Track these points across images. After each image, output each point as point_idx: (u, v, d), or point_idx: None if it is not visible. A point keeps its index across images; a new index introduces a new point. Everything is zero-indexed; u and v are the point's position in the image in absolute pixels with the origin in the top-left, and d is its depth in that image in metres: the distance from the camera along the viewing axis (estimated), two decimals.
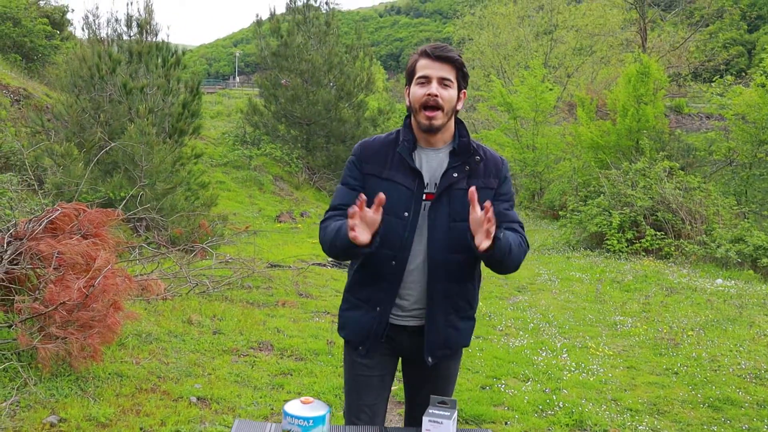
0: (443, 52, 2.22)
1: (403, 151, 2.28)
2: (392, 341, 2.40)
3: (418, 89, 2.23)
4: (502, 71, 33.59)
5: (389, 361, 2.46)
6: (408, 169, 2.27)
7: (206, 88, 45.01)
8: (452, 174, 2.26)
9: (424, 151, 2.31)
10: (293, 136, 21.68)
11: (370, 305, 2.34)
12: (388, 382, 2.50)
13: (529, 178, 23.20)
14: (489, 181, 2.31)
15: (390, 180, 2.27)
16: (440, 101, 2.20)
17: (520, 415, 4.51)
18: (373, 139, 2.39)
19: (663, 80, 19.18)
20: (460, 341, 2.43)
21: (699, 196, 13.20)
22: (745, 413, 4.68)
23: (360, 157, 2.34)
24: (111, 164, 10.37)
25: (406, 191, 2.26)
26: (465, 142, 2.30)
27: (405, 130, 2.33)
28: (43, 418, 3.81)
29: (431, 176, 2.29)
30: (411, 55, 2.32)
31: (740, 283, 9.61)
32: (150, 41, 11.76)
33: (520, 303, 8.23)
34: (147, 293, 6.64)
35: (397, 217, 2.26)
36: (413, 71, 2.27)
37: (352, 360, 2.45)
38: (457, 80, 2.25)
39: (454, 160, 2.28)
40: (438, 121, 2.23)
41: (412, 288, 2.32)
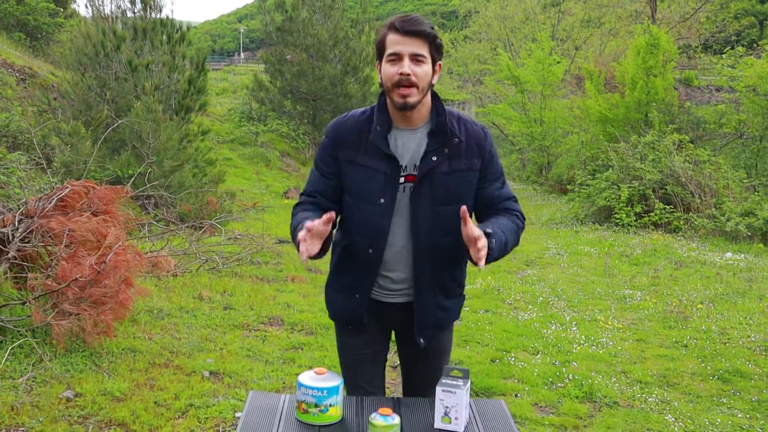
0: (413, 26, 2.08)
1: (375, 138, 2.17)
2: (381, 318, 2.39)
3: (389, 67, 2.10)
4: (510, 44, 33.28)
5: (381, 336, 2.46)
6: (382, 153, 2.18)
7: (211, 64, 44.86)
8: (432, 158, 2.17)
9: (401, 131, 2.21)
10: (299, 111, 21.61)
11: (350, 291, 2.32)
12: (382, 355, 2.51)
13: (536, 153, 23.10)
14: (472, 162, 2.22)
15: (364, 166, 2.19)
16: (414, 79, 2.08)
17: (530, 387, 4.54)
18: (346, 119, 2.27)
19: (672, 52, 18.96)
20: (451, 318, 2.42)
21: (709, 170, 13.12)
22: (755, 385, 4.70)
23: (334, 141, 2.25)
24: (118, 142, 10.37)
25: (381, 176, 2.18)
26: (442, 122, 2.18)
27: (379, 111, 2.21)
28: (59, 393, 3.86)
29: (410, 158, 2.20)
30: (380, 29, 2.17)
31: (750, 257, 9.59)
32: (154, 17, 11.68)
33: (528, 277, 8.24)
34: (157, 270, 6.68)
35: (372, 203, 2.20)
36: (383, 47, 2.12)
37: (344, 339, 2.46)
38: (430, 54, 2.12)
39: (432, 142, 2.18)
40: (413, 98, 2.10)
41: (398, 269, 2.28)
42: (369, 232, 2.23)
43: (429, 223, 2.20)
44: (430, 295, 2.29)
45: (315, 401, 2.03)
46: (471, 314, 6.39)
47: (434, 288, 2.29)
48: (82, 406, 3.76)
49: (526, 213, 9.27)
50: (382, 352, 2.51)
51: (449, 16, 79.98)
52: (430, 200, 2.19)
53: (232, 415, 3.81)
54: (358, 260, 2.29)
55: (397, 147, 2.20)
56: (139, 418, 3.67)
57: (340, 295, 2.37)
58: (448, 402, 2.04)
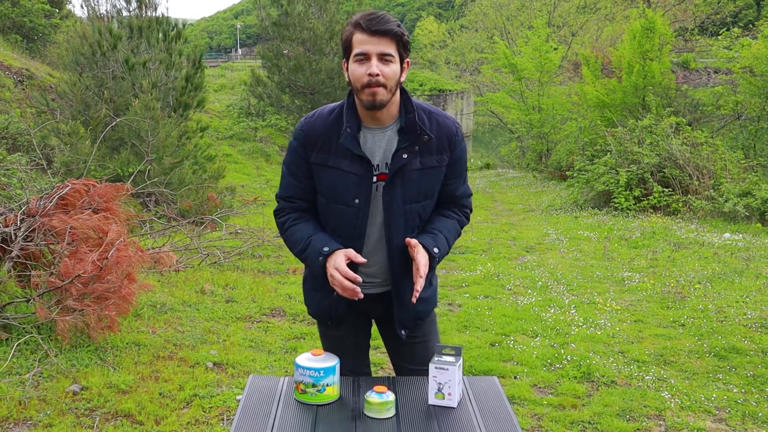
0: (380, 26, 2.04)
1: (346, 141, 2.15)
2: (360, 309, 2.39)
3: (357, 67, 2.07)
4: (506, 32, 33.25)
5: (360, 324, 2.49)
6: (354, 156, 2.17)
7: (209, 61, 44.90)
8: (402, 155, 2.17)
9: (371, 130, 2.20)
10: (298, 105, 21.62)
11: (329, 289, 2.26)
12: (364, 342, 2.55)
13: (535, 140, 23.09)
14: (442, 158, 2.24)
15: (336, 168, 2.18)
16: (382, 79, 2.05)
17: (529, 369, 4.61)
18: (314, 119, 2.23)
19: (669, 35, 18.95)
20: (429, 308, 2.44)
21: (706, 152, 13.14)
22: (750, 361, 4.76)
23: (303, 144, 2.22)
24: (117, 141, 10.44)
25: (354, 178, 2.18)
26: (412, 120, 2.17)
27: (348, 112, 2.18)
28: (65, 387, 3.94)
29: (381, 156, 2.20)
30: (345, 26, 2.13)
31: (748, 237, 9.63)
32: (150, 16, 11.73)
33: (528, 263, 8.30)
34: (159, 266, 6.75)
35: (348, 205, 2.21)
36: (349, 46, 2.09)
37: (325, 331, 2.49)
38: (398, 52, 2.09)
39: (402, 139, 2.17)
40: (381, 97, 2.08)
41: (372, 263, 2.28)
42: (345, 233, 2.24)
43: (401, 219, 2.23)
44: (408, 290, 2.28)
45: (313, 381, 2.10)
46: (471, 300, 6.46)
47: (411, 284, 2.26)
48: (88, 399, 3.84)
49: (526, 200, 9.40)
50: (363, 339, 2.55)
51: (445, 5, 79.79)
52: (401, 198, 2.21)
53: (237, 404, 3.88)
54: None
55: (367, 146, 2.19)
56: (145, 409, 3.75)
57: (319, 293, 2.38)
58: (441, 379, 2.10)
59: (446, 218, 2.36)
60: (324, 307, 2.38)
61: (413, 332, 2.41)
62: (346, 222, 2.24)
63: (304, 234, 2.26)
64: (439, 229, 2.30)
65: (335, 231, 2.26)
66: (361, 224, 2.23)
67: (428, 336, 2.47)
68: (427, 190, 2.25)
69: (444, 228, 2.32)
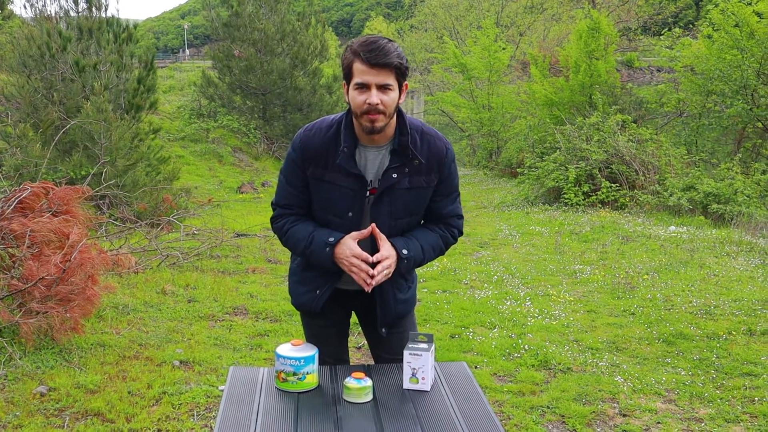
0: (381, 59, 2.10)
1: (343, 161, 2.24)
2: (341, 302, 2.53)
3: (357, 95, 2.15)
4: (455, 32, 33.66)
5: (342, 315, 2.61)
6: (350, 173, 2.26)
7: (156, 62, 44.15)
8: (392, 175, 2.26)
9: (367, 148, 2.30)
10: (249, 106, 21.56)
11: (313, 286, 2.45)
12: (344, 334, 2.68)
13: (485, 138, 23.47)
14: (430, 178, 2.33)
15: (332, 183, 2.28)
16: (381, 107, 2.14)
17: (489, 359, 4.78)
18: (312, 134, 2.31)
19: (613, 35, 19.49)
20: (409, 309, 2.58)
21: (651, 148, 13.60)
22: (696, 345, 5.02)
23: (302, 157, 2.30)
24: (69, 143, 10.28)
25: (349, 192, 2.28)
26: (404, 142, 2.26)
27: (345, 131, 2.26)
28: (32, 389, 3.94)
29: (375, 173, 2.31)
30: (345, 52, 2.19)
31: (692, 229, 10.03)
32: (100, 17, 11.58)
33: (483, 257, 8.51)
34: (118, 267, 6.73)
35: (341, 217, 2.32)
36: (350, 72, 2.17)
37: (307, 320, 2.62)
38: (397, 80, 2.17)
39: (394, 159, 2.27)
40: (380, 124, 2.18)
41: None
42: None
43: (386, 233, 2.32)
44: (390, 294, 2.44)
45: (293, 370, 2.20)
46: (429, 295, 6.61)
47: (391, 287, 2.43)
48: (56, 400, 3.85)
49: (479, 198, 9.59)
50: (345, 328, 2.69)
51: (394, 6, 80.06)
52: (388, 214, 2.32)
53: (206, 400, 3.94)
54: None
55: (362, 163, 2.30)
56: (115, 408, 3.78)
57: (303, 287, 2.49)
58: (415, 364, 2.22)
59: (428, 230, 2.45)
60: (306, 301, 2.48)
61: (393, 327, 2.54)
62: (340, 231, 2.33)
63: (305, 232, 2.35)
64: (416, 236, 2.40)
65: None
66: None
67: (407, 328, 2.59)
68: (413, 208, 2.36)
69: (421, 237, 2.41)
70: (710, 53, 16.25)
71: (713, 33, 16.26)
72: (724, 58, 15.81)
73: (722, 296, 6.30)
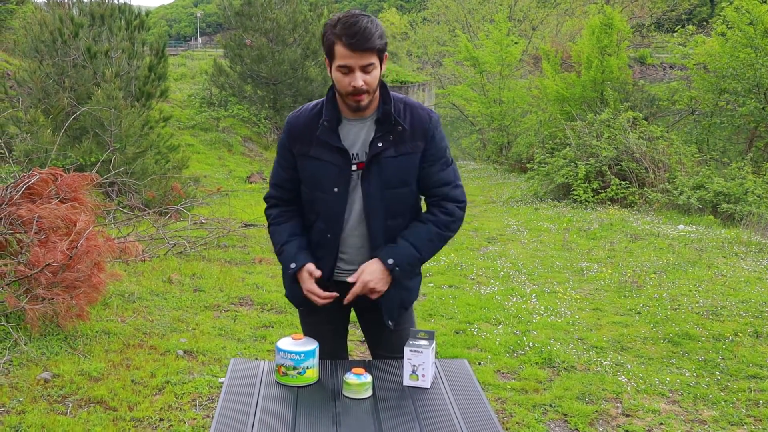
0: (362, 45, 2.12)
1: (323, 134, 2.29)
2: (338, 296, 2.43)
3: (341, 77, 2.18)
4: (468, 26, 33.50)
5: (338, 312, 2.54)
6: (333, 147, 2.29)
7: (169, 50, 44.21)
8: (377, 144, 2.28)
9: (351, 121, 2.32)
10: (260, 96, 21.53)
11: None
12: (342, 331, 2.65)
13: (496, 132, 23.36)
14: (416, 145, 2.32)
15: (317, 158, 2.32)
16: (365, 87, 2.18)
17: (493, 355, 4.77)
18: (298, 114, 2.38)
19: (626, 31, 19.35)
20: (413, 298, 2.54)
21: (662, 145, 13.51)
22: (702, 346, 5.00)
23: (289, 137, 2.38)
24: (79, 130, 10.31)
25: (333, 167, 2.30)
26: (387, 111, 2.28)
27: (328, 105, 2.31)
28: (36, 374, 3.96)
29: (360, 145, 2.32)
30: (325, 29, 2.19)
31: (701, 228, 9.97)
32: (112, 3, 11.60)
33: (490, 253, 8.48)
34: (125, 255, 6.74)
35: (327, 193, 2.33)
36: (332, 53, 2.17)
37: (304, 317, 2.60)
38: (378, 58, 2.18)
39: (378, 129, 2.29)
40: (365, 102, 2.23)
41: (352, 250, 2.41)
42: (326, 219, 2.37)
43: (380, 205, 2.32)
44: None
45: (293, 364, 2.20)
46: (435, 290, 6.60)
47: None
48: (60, 386, 3.88)
49: (487, 192, 9.52)
50: (342, 327, 2.64)
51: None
52: (379, 184, 2.30)
53: (209, 390, 3.96)
54: (317, 244, 2.42)
55: (348, 137, 2.31)
56: (118, 396, 3.80)
57: (296, 283, 2.42)
58: (415, 361, 2.22)
59: (419, 223, 2.42)
60: (300, 296, 2.43)
61: (396, 321, 2.49)
62: (326, 209, 2.36)
63: (280, 238, 2.43)
64: (405, 236, 2.37)
65: (318, 216, 2.39)
66: (340, 210, 2.35)
67: (407, 326, 2.55)
68: (403, 176, 2.33)
69: (412, 234, 2.37)
70: (723, 51, 16.10)
71: (727, 31, 16.11)
72: (738, 57, 15.65)
73: (729, 297, 6.26)
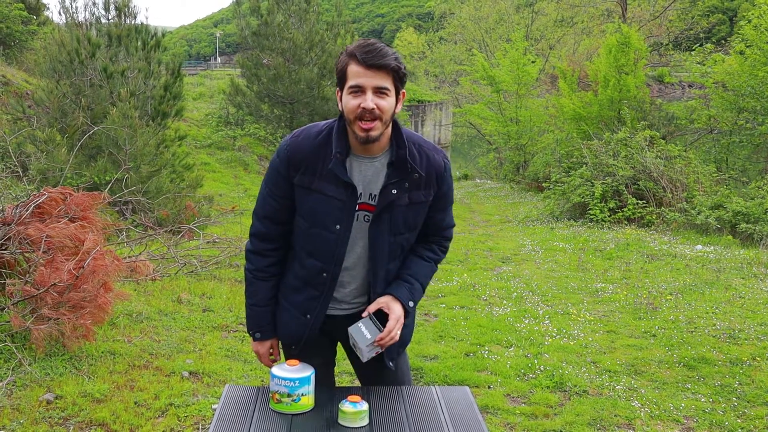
0: (377, 60, 2.00)
1: (335, 167, 2.12)
2: (328, 331, 2.38)
3: (351, 99, 2.04)
4: (484, 45, 33.54)
5: (326, 346, 2.46)
6: (340, 182, 2.14)
7: (188, 69, 44.71)
8: (392, 191, 2.15)
9: (359, 159, 2.17)
10: (277, 115, 21.65)
11: (300, 311, 2.31)
12: (330, 364, 2.53)
13: (513, 151, 23.31)
14: (429, 193, 2.24)
15: (320, 192, 2.15)
16: (377, 112, 2.03)
17: (503, 379, 4.68)
18: (299, 140, 2.19)
19: (643, 50, 19.25)
20: (410, 334, 2.48)
21: (680, 165, 13.36)
22: (719, 371, 4.87)
23: (288, 164, 2.17)
24: (95, 149, 10.39)
25: (337, 203, 2.15)
26: (403, 156, 2.15)
27: (337, 137, 2.14)
28: (39, 396, 3.92)
29: (365, 186, 2.17)
30: (340, 56, 2.09)
31: (719, 249, 9.80)
32: (129, 24, 11.72)
33: (504, 273, 8.39)
34: (136, 274, 6.73)
35: (328, 230, 2.18)
36: (344, 77, 2.06)
37: (289, 354, 2.43)
38: (394, 85, 2.06)
39: (392, 174, 2.16)
40: (375, 132, 2.06)
41: (346, 290, 2.31)
42: (323, 258, 2.23)
43: (386, 250, 2.24)
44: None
45: (288, 391, 2.14)
46: (447, 311, 6.52)
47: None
48: (62, 408, 3.83)
49: (503, 211, 9.54)
50: (330, 363, 2.54)
51: (425, 17, 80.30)
52: (388, 231, 2.21)
53: (212, 413, 3.89)
54: (311, 282, 2.28)
55: (353, 174, 2.17)
56: (120, 418, 3.75)
57: (289, 314, 2.34)
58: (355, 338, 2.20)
59: (424, 261, 2.37)
60: (295, 329, 2.34)
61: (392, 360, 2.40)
62: (325, 247, 2.21)
63: (255, 298, 2.36)
64: (415, 276, 2.33)
65: (312, 254, 2.24)
66: (340, 251, 2.21)
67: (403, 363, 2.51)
68: (411, 223, 2.26)
69: (420, 274, 2.34)
70: (742, 70, 15.97)
71: (746, 49, 15.98)
72: (757, 75, 15.51)
73: (748, 320, 6.12)
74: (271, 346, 2.41)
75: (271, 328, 2.38)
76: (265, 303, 2.36)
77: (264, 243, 2.31)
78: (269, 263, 2.33)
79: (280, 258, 2.34)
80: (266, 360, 2.43)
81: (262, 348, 2.41)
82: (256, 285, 2.35)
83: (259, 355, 2.43)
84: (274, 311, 2.38)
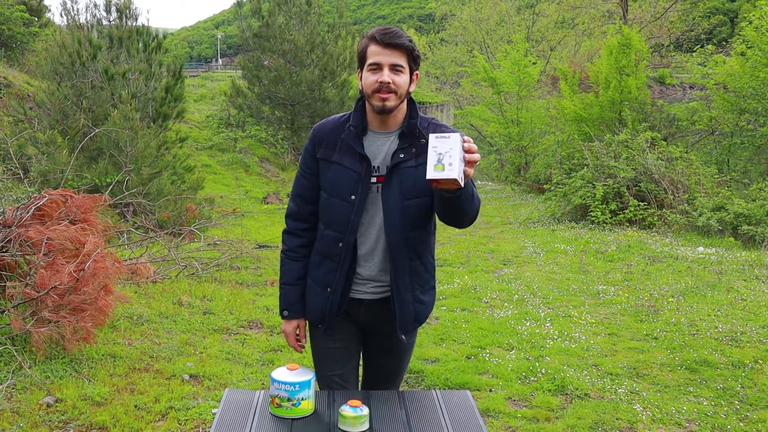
0: (393, 39, 2.23)
1: (348, 137, 2.33)
2: (349, 314, 2.47)
3: (370, 75, 2.25)
4: (485, 46, 33.56)
5: (352, 332, 2.53)
6: (355, 153, 2.32)
7: (189, 71, 44.79)
8: (399, 155, 2.31)
9: (375, 134, 2.36)
10: (278, 117, 21.67)
11: (321, 286, 2.43)
12: (354, 351, 2.58)
13: (514, 153, 23.30)
14: None
15: (338, 164, 2.34)
16: (392, 86, 2.23)
17: (504, 382, 4.66)
18: (325, 122, 2.44)
19: (644, 51, 19.25)
20: (427, 313, 2.51)
21: (681, 166, 13.35)
22: (721, 374, 4.85)
23: (314, 142, 2.41)
24: (96, 150, 10.39)
25: (353, 174, 2.32)
26: (413, 124, 2.33)
27: (356, 114, 2.36)
28: (39, 399, 3.92)
29: (382, 159, 2.34)
30: (361, 39, 2.32)
31: (721, 250, 9.79)
32: (130, 26, 11.72)
33: (505, 275, 8.37)
34: (137, 277, 6.73)
35: (344, 200, 2.33)
36: (364, 57, 2.28)
37: (315, 335, 2.54)
38: (408, 64, 2.27)
39: (402, 141, 2.32)
40: (391, 103, 2.25)
41: (367, 265, 2.40)
42: (340, 227, 2.35)
43: (400, 216, 2.31)
44: (408, 291, 2.39)
45: (288, 395, 2.13)
46: (448, 313, 6.51)
47: (411, 282, 2.39)
48: (62, 411, 3.82)
49: (505, 213, 9.48)
50: (354, 347, 2.56)
51: (426, 19, 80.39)
52: (399, 195, 2.30)
53: (212, 417, 3.88)
54: (329, 254, 2.41)
55: (371, 149, 2.33)
56: (120, 422, 3.74)
57: (313, 290, 2.46)
58: (441, 148, 1.97)
59: None
60: (316, 304, 2.45)
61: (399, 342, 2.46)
62: (341, 216, 2.35)
63: (288, 276, 2.50)
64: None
65: (331, 224, 2.39)
66: (355, 219, 2.34)
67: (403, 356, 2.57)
68: (422, 186, 2.28)
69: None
70: (743, 71, 15.97)
71: (747, 50, 15.98)
72: (758, 76, 15.51)
73: (750, 322, 6.10)
74: (298, 326, 2.52)
75: (299, 308, 2.50)
76: (294, 281, 2.49)
77: (296, 222, 2.50)
78: (300, 243, 2.49)
79: (311, 239, 2.49)
80: (293, 341, 2.53)
81: (290, 327, 2.52)
82: (288, 265, 2.51)
83: (287, 335, 2.53)
84: (304, 292, 2.50)
